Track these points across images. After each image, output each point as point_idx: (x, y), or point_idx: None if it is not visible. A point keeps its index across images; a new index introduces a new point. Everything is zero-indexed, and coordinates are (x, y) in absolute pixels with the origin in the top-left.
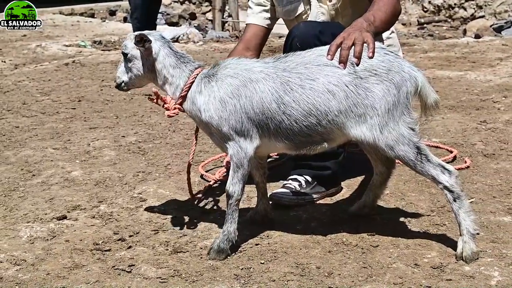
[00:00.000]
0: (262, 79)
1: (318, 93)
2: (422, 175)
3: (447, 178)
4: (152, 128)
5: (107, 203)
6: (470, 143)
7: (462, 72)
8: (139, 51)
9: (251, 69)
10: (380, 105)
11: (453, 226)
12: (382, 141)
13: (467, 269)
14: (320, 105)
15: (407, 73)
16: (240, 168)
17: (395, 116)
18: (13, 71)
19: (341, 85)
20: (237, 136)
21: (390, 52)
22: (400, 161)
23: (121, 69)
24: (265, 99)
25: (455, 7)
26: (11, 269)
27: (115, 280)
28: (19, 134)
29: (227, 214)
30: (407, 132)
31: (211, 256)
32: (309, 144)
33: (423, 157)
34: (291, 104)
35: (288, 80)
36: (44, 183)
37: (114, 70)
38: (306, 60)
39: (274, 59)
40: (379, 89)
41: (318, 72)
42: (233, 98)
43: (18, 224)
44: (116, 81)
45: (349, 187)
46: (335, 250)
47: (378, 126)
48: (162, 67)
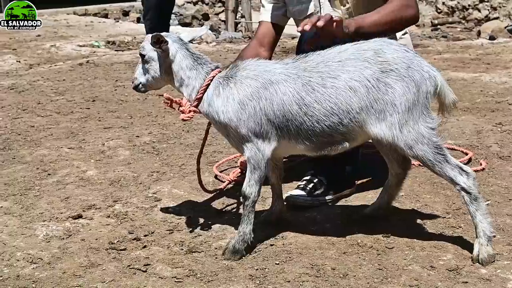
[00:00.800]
0: (283, 81)
1: (339, 90)
2: (440, 176)
3: (464, 180)
4: (166, 128)
5: (122, 203)
6: (485, 145)
7: (476, 73)
8: (156, 52)
9: (272, 70)
10: (400, 102)
11: (469, 229)
12: (401, 140)
13: (483, 272)
14: (342, 103)
15: (427, 72)
16: (257, 170)
17: (415, 115)
18: (28, 71)
19: (363, 80)
20: (255, 138)
21: (410, 50)
22: (418, 161)
23: (138, 70)
24: (286, 101)
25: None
26: (27, 267)
27: (130, 279)
28: (34, 134)
29: (243, 215)
30: (426, 131)
31: (226, 257)
32: (330, 144)
33: (442, 158)
34: (313, 104)
35: (310, 80)
36: (59, 182)
37: (127, 70)
38: (326, 58)
39: (294, 60)
40: (399, 86)
41: (339, 69)
42: (253, 100)
43: (34, 223)
44: (133, 83)
45: (363, 188)
46: (350, 251)
47: (398, 125)
48: (179, 69)
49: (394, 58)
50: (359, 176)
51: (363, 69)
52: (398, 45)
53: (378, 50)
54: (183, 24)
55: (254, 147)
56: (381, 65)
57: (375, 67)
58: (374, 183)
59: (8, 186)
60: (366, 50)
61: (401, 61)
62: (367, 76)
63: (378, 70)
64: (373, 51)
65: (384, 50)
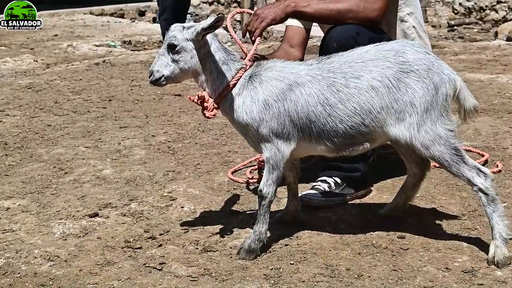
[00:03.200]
0: (308, 82)
1: (362, 91)
2: (457, 176)
3: (482, 181)
4: (181, 128)
5: (138, 202)
6: (502, 147)
7: (493, 75)
8: (190, 43)
9: (297, 72)
10: (420, 103)
11: (485, 231)
12: (418, 141)
13: (499, 274)
14: (364, 103)
15: (447, 75)
16: (275, 170)
17: (433, 116)
18: (45, 70)
19: (384, 80)
20: (276, 139)
21: (431, 52)
22: (435, 161)
23: (161, 62)
24: (311, 102)
25: (486, 9)
26: (45, 264)
27: (146, 278)
28: (51, 132)
29: (259, 214)
30: (444, 133)
31: (241, 256)
32: (351, 145)
33: (459, 159)
34: (337, 105)
35: (334, 81)
36: (76, 181)
37: (143, 70)
38: (349, 59)
39: (317, 61)
40: (419, 86)
41: (361, 69)
42: (278, 102)
43: (51, 221)
44: (154, 76)
45: (378, 189)
46: (364, 252)
47: (416, 125)
48: (212, 62)
49: (415, 60)
50: (374, 176)
51: (384, 69)
52: (420, 47)
53: (399, 51)
54: None
55: (274, 148)
56: (402, 66)
57: (396, 67)
58: (389, 184)
59: (26, 184)
60: (388, 50)
61: (422, 62)
62: (388, 76)
63: (399, 70)
64: (394, 52)
65: (405, 51)
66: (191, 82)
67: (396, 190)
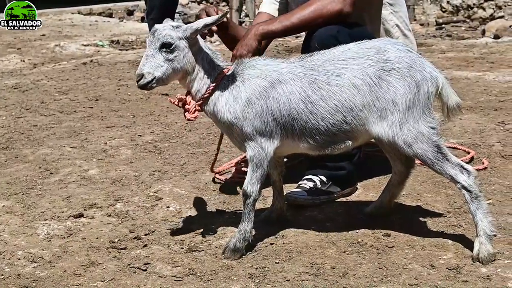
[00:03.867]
0: (290, 80)
1: (344, 88)
2: (440, 174)
3: (465, 178)
4: (168, 127)
5: (123, 202)
6: (488, 144)
7: (480, 72)
8: (183, 41)
9: (279, 70)
10: (401, 101)
11: (470, 228)
12: (401, 139)
13: (483, 270)
14: (346, 100)
15: (429, 73)
16: (259, 169)
17: (415, 114)
18: (32, 70)
19: (365, 77)
20: (259, 137)
21: (413, 51)
22: (418, 159)
23: (152, 63)
24: (293, 99)
25: (474, 7)
26: (28, 266)
27: (130, 278)
28: (37, 133)
29: (244, 213)
30: (426, 130)
31: (226, 255)
32: (333, 143)
33: (442, 156)
34: (318, 102)
35: (316, 78)
36: (61, 181)
37: (131, 70)
38: (331, 56)
39: (300, 59)
40: (401, 84)
41: (343, 67)
42: (261, 99)
43: (35, 222)
44: (145, 78)
45: (364, 187)
46: (350, 250)
47: (398, 123)
48: (200, 60)
49: (396, 58)
50: (360, 175)
51: (366, 67)
52: (402, 45)
53: (381, 49)
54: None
55: (258, 146)
56: (383, 64)
57: (378, 65)
58: (375, 182)
59: (11, 185)
60: (369, 48)
61: (403, 60)
62: (369, 73)
63: (380, 68)
64: (376, 50)
65: (387, 49)
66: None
67: (381, 188)
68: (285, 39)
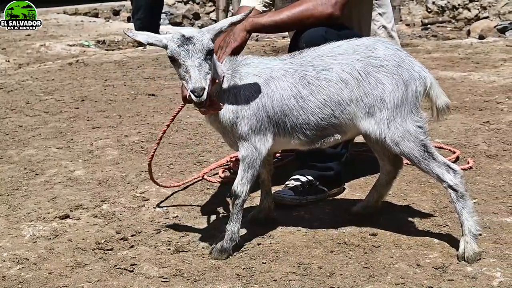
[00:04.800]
0: (282, 76)
1: (332, 83)
2: (427, 173)
3: (451, 177)
4: (155, 128)
5: (110, 203)
6: (473, 144)
7: (465, 72)
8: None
9: (272, 67)
10: (390, 99)
11: (456, 227)
12: (388, 136)
13: (469, 269)
14: (334, 95)
15: (417, 72)
16: (251, 169)
17: (403, 112)
18: (16, 70)
19: (354, 72)
20: (254, 137)
21: (402, 50)
22: (405, 157)
23: (201, 73)
24: (285, 95)
25: (459, 8)
26: (13, 267)
27: (117, 279)
28: (22, 134)
29: (232, 213)
30: (414, 129)
31: (213, 256)
32: (323, 137)
33: (428, 155)
34: (308, 97)
35: (305, 74)
36: (47, 182)
37: (117, 70)
38: (321, 52)
39: (291, 56)
40: (389, 82)
41: (332, 62)
42: (257, 97)
43: (21, 223)
44: (202, 95)
45: (351, 187)
46: (337, 250)
47: (386, 120)
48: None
49: (385, 55)
50: (347, 175)
51: (354, 62)
52: (391, 44)
53: (370, 46)
54: (174, 23)
55: (251, 146)
56: (372, 60)
57: (366, 61)
58: (362, 182)
59: None
60: (358, 45)
61: (391, 58)
62: (358, 68)
63: (369, 64)
64: (365, 47)
65: (376, 46)
66: (165, 81)
67: (368, 188)
68: (271, 39)
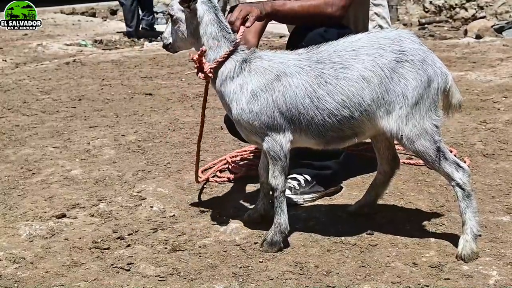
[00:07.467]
0: (296, 73)
1: (352, 82)
2: (437, 171)
3: (460, 176)
4: (152, 127)
5: (107, 202)
6: (470, 143)
7: (462, 72)
8: (184, 13)
9: (286, 62)
10: (412, 95)
11: (452, 226)
12: (405, 134)
13: (465, 268)
14: (354, 95)
15: (439, 69)
16: (278, 161)
17: (422, 110)
18: (14, 70)
19: (377, 69)
20: (270, 131)
21: (425, 44)
22: (418, 156)
23: (168, 30)
24: (299, 94)
25: (456, 8)
26: (10, 267)
27: (113, 278)
28: (19, 133)
29: (275, 207)
30: (430, 128)
31: (264, 249)
32: (340, 139)
33: (441, 155)
34: (325, 98)
35: (322, 73)
36: (43, 182)
37: (114, 69)
38: (339, 47)
39: (307, 50)
40: (413, 77)
41: (352, 58)
42: (266, 92)
43: (17, 222)
44: (164, 42)
45: (348, 186)
46: (333, 249)
47: (405, 118)
48: (203, 33)
49: (411, 49)
50: (344, 174)
51: (377, 57)
52: (416, 37)
53: (395, 39)
54: None
55: (271, 139)
56: (397, 54)
57: (391, 56)
58: (359, 181)
59: None
60: (382, 38)
61: (417, 53)
62: (381, 65)
63: (394, 59)
64: (390, 40)
65: (401, 39)
66: (162, 81)
67: (365, 187)
68: (269, 39)
